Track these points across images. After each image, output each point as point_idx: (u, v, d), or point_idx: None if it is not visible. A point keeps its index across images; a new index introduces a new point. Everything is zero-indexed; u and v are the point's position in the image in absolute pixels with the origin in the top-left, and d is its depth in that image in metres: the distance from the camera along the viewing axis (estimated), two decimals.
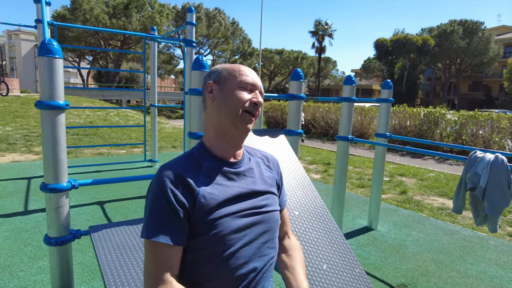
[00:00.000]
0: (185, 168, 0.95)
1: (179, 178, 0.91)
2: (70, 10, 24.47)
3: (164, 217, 0.87)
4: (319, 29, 39.47)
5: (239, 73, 1.00)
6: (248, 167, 1.05)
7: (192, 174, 0.94)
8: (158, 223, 0.87)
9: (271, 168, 1.13)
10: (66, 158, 1.88)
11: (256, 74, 1.04)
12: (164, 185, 0.89)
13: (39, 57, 1.73)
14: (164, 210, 0.88)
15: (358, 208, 4.45)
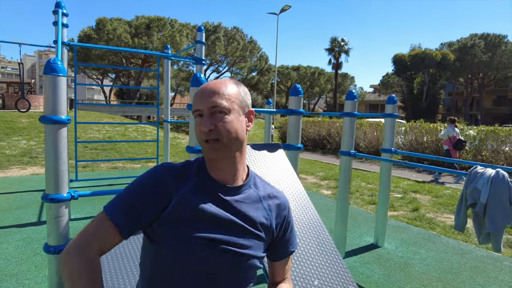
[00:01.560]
0: (177, 174, 0.94)
1: (164, 182, 0.91)
2: (95, 30, 25.69)
3: (130, 205, 0.90)
4: (335, 46, 39.65)
5: (194, 100, 0.94)
6: (244, 198, 0.98)
7: (179, 182, 0.93)
8: (122, 205, 0.90)
9: (271, 210, 1.02)
10: (67, 170, 1.98)
11: (215, 86, 0.92)
12: (148, 180, 0.92)
13: (45, 75, 1.85)
14: (134, 199, 0.90)
15: (366, 225, 4.36)
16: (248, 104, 0.99)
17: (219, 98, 0.90)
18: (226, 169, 0.96)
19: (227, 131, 0.90)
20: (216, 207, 0.92)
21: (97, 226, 0.89)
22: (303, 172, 8.56)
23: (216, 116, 0.90)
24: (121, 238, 0.90)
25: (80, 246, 0.87)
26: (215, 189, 0.95)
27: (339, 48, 39.55)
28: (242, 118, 0.96)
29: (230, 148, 0.93)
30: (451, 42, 40.70)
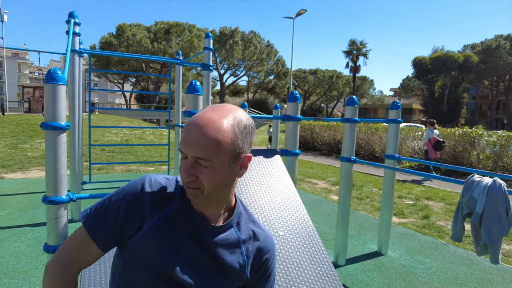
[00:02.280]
0: (157, 195, 0.87)
1: (140, 202, 0.85)
2: (115, 36, 26.45)
3: (108, 220, 0.85)
4: (353, 48, 39.24)
5: (183, 132, 0.81)
6: (222, 239, 0.90)
7: (156, 205, 0.87)
8: (99, 214, 0.86)
9: (248, 255, 0.93)
10: (66, 173, 2.08)
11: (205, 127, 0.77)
12: (126, 196, 0.86)
13: (46, 84, 1.96)
14: (111, 214, 0.85)
15: (372, 232, 4.30)
16: (244, 149, 0.83)
17: (206, 147, 0.77)
18: (208, 210, 0.89)
19: (209, 184, 0.80)
20: (189, 245, 0.86)
21: (78, 243, 0.86)
22: (315, 177, 8.51)
23: (199, 166, 0.79)
24: (102, 252, 0.88)
25: (61, 265, 0.85)
26: (194, 223, 0.88)
27: (358, 50, 39.12)
28: (233, 166, 0.83)
29: (211, 199, 0.84)
30: (475, 44, 39.51)
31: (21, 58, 66.24)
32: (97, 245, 0.85)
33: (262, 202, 2.23)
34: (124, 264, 0.89)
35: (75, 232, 0.88)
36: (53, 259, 0.87)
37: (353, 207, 5.61)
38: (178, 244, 0.86)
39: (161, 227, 0.85)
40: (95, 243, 0.85)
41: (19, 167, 7.78)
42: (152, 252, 0.85)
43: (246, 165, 0.86)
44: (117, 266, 0.92)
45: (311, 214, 4.93)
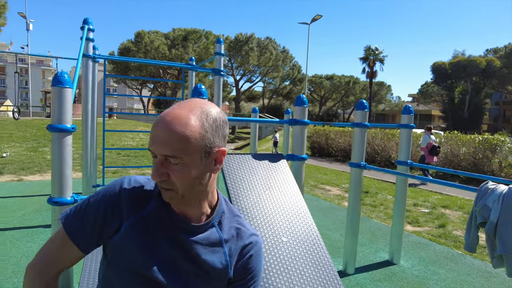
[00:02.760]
0: (136, 195, 0.86)
1: (119, 202, 0.85)
2: (134, 42, 27.08)
3: (85, 214, 0.84)
4: (369, 54, 38.81)
5: (151, 130, 0.79)
6: (202, 239, 0.87)
7: (134, 205, 0.85)
8: (78, 214, 0.85)
9: (231, 255, 0.90)
10: (71, 175, 2.10)
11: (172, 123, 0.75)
12: (105, 197, 0.85)
13: (52, 87, 2.00)
14: (91, 209, 0.84)
15: (384, 241, 4.18)
16: (216, 143, 0.81)
17: (174, 144, 0.74)
18: (187, 209, 0.86)
19: (182, 182, 0.78)
20: (167, 245, 0.84)
21: (59, 244, 0.85)
22: (328, 183, 8.39)
23: (170, 165, 0.77)
24: (82, 254, 0.86)
25: (41, 267, 0.84)
26: (172, 223, 0.86)
27: (374, 56, 38.65)
28: (206, 162, 0.80)
29: (187, 198, 0.82)
30: (498, 48, 38.36)
31: (45, 65, 68.64)
32: (77, 246, 0.84)
33: (265, 207, 2.19)
34: (106, 265, 0.88)
35: (55, 233, 0.87)
36: (33, 261, 0.85)
37: (366, 214, 5.49)
38: (156, 245, 0.84)
39: (139, 228, 0.84)
40: (74, 245, 0.84)
41: (38, 170, 8.00)
42: (129, 253, 0.84)
43: (220, 160, 0.83)
44: (101, 269, 0.92)
45: (323, 221, 4.87)
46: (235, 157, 2.45)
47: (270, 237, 2.04)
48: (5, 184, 6.62)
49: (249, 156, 2.53)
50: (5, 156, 9.30)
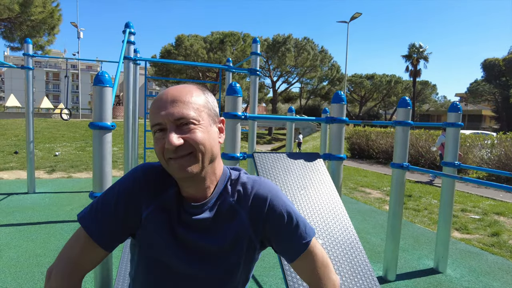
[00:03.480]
0: (154, 182, 0.84)
1: (137, 194, 0.83)
2: (174, 46, 28.00)
3: (103, 212, 0.82)
4: (413, 52, 36.99)
5: (151, 112, 0.78)
6: (213, 213, 0.85)
7: (152, 194, 0.84)
8: (96, 212, 0.82)
9: (248, 213, 0.86)
10: (111, 171, 2.17)
11: (178, 93, 0.78)
12: (122, 191, 0.83)
13: (94, 86, 2.08)
14: (108, 206, 0.82)
15: (428, 247, 3.92)
16: (217, 113, 0.86)
17: (185, 108, 0.76)
18: (197, 186, 0.83)
19: (200, 143, 0.76)
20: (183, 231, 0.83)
21: (79, 245, 0.82)
22: (369, 186, 8.09)
23: (183, 129, 0.76)
24: (106, 253, 0.84)
25: (65, 272, 0.81)
26: (181, 208, 0.84)
27: (418, 54, 36.80)
28: (214, 129, 0.83)
29: (203, 162, 0.78)
30: None
31: (93, 70, 73.16)
32: (99, 245, 0.81)
33: (301, 207, 2.13)
34: (136, 261, 0.89)
35: (75, 234, 0.83)
36: (55, 266, 0.81)
37: (408, 219, 5.20)
38: (172, 232, 0.83)
39: (154, 218, 0.83)
40: (96, 244, 0.81)
41: (85, 168, 8.50)
42: (152, 243, 0.83)
43: (222, 129, 0.87)
44: (131, 266, 0.93)
45: (362, 224, 4.68)
46: (269, 156, 2.40)
47: None
48: (56, 180, 7.10)
49: (284, 155, 2.47)
50: (57, 155, 9.99)
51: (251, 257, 0.90)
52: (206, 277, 0.86)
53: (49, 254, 3.28)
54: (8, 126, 15.08)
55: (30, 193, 5.78)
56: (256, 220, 0.86)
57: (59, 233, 3.88)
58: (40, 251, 3.36)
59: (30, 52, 5.56)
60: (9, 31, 14.93)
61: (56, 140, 12.60)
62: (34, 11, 13.93)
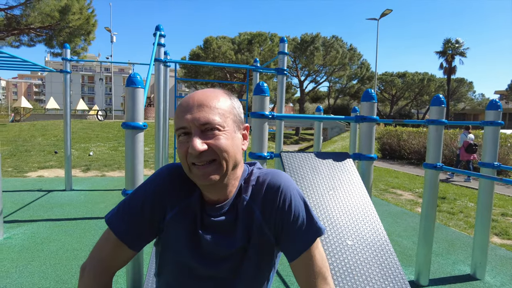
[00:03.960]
0: (178, 184, 0.86)
1: (161, 195, 0.85)
2: (203, 48, 28.48)
3: (130, 215, 0.84)
4: (448, 48, 35.39)
5: (177, 115, 0.79)
6: (228, 218, 0.85)
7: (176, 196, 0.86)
8: (124, 215, 0.84)
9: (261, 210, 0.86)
10: (142, 169, 2.24)
11: (204, 97, 0.78)
12: (148, 192, 0.85)
13: (126, 87, 2.15)
14: (135, 209, 0.84)
15: (465, 252, 3.74)
16: (242, 119, 0.85)
17: (211, 113, 0.76)
18: (218, 192, 0.84)
19: (224, 150, 0.76)
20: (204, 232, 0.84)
21: (109, 245, 0.85)
22: (400, 187, 7.84)
23: (208, 134, 0.76)
24: (134, 253, 0.86)
25: (97, 272, 0.84)
26: (203, 212, 0.86)
27: (453, 50, 35.17)
28: (238, 135, 0.82)
29: (226, 169, 0.78)
30: None
31: (125, 73, 75.84)
32: (127, 245, 0.84)
33: (329, 208, 2.10)
34: (158, 261, 0.92)
35: (104, 235, 0.86)
36: (86, 264, 0.85)
37: (442, 222, 4.99)
38: (194, 232, 0.84)
39: (179, 220, 0.84)
40: (124, 244, 0.84)
41: (117, 167, 8.83)
42: (172, 244, 0.86)
43: (246, 136, 0.86)
44: (156, 266, 0.94)
45: (393, 227, 4.55)
46: (296, 155, 2.39)
47: (334, 239, 1.95)
48: (91, 178, 7.43)
49: (312, 155, 2.45)
50: (91, 155, 10.44)
51: (270, 255, 0.89)
52: (226, 277, 0.86)
53: (85, 249, 3.43)
54: (48, 127, 15.96)
55: (68, 191, 6.08)
56: (269, 213, 0.85)
57: (93, 229, 4.05)
58: (77, 245, 3.52)
59: (68, 57, 5.85)
60: (50, 38, 15.79)
61: (90, 140, 13.18)
62: (72, 18, 14.64)
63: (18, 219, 4.35)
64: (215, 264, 0.85)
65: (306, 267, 0.85)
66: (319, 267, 0.86)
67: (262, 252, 0.87)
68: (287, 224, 0.85)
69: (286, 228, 0.85)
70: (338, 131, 29.36)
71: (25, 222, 4.21)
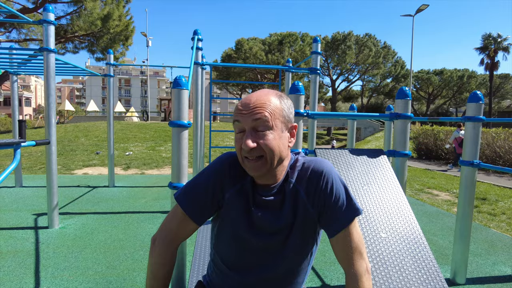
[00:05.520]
0: (234, 171, 1.01)
1: (221, 178, 1.01)
2: (235, 50, 28.90)
3: (195, 194, 1.01)
4: (489, 43, 33.46)
5: (236, 111, 0.94)
6: (277, 198, 1.00)
7: (232, 180, 1.01)
8: (190, 193, 1.01)
9: (306, 191, 0.99)
10: (187, 164, 2.43)
11: (258, 100, 0.91)
12: (210, 174, 1.02)
13: (172, 89, 2.35)
14: (199, 189, 1.01)
15: (506, 253, 3.63)
16: (291, 119, 0.98)
17: (262, 115, 0.90)
18: (267, 179, 1.00)
19: (270, 149, 0.90)
20: (256, 211, 0.99)
21: (177, 219, 1.02)
22: (436, 187, 7.62)
23: (258, 134, 0.90)
24: (197, 226, 1.04)
25: (166, 241, 1.02)
26: (255, 192, 1.01)
27: (495, 45, 33.22)
28: (285, 134, 0.96)
29: (272, 165, 0.93)
30: None
31: (160, 76, 78.39)
32: (192, 220, 1.01)
33: (363, 202, 2.17)
34: (216, 234, 1.07)
35: (173, 210, 1.04)
36: (157, 235, 1.04)
37: (482, 223, 4.84)
38: (248, 210, 0.99)
39: (236, 197, 1.00)
40: (190, 219, 1.01)
41: (155, 165, 9.25)
42: (231, 219, 1.01)
43: (294, 134, 0.99)
44: (212, 237, 1.11)
45: (428, 226, 4.51)
46: (331, 152, 2.48)
47: (368, 232, 2.02)
48: (131, 176, 7.85)
49: (346, 151, 2.53)
50: (128, 154, 10.98)
51: (313, 231, 1.03)
52: (275, 249, 1.00)
53: (129, 239, 3.70)
54: (90, 128, 16.92)
55: (111, 187, 6.49)
56: (313, 194, 0.98)
57: (136, 222, 4.33)
58: (122, 236, 3.80)
59: (112, 62, 6.26)
60: (91, 44, 16.78)
61: (129, 141, 13.85)
62: (112, 25, 15.47)
63: (69, 211, 4.74)
64: (265, 237, 0.99)
65: (345, 243, 0.98)
66: (356, 243, 0.98)
67: (306, 228, 1.00)
68: (329, 204, 0.98)
69: (328, 208, 0.98)
70: (372, 131, 28.67)
71: (75, 214, 4.59)
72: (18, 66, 5.29)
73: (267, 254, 1.01)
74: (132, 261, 3.13)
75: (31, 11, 14.49)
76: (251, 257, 1.02)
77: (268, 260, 1.01)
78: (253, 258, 1.02)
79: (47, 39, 3.75)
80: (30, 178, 7.23)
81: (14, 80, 5.95)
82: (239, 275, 1.02)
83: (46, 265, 2.99)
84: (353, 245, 0.97)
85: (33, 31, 15.85)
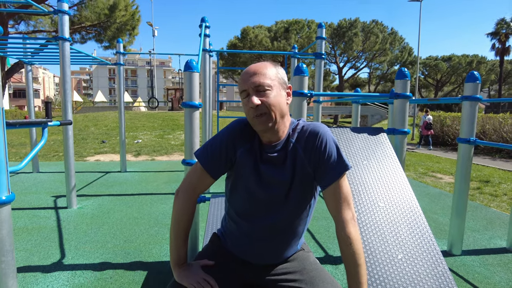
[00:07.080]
0: (245, 133, 1.18)
1: (233, 139, 1.18)
2: (240, 39, 28.81)
3: (212, 152, 1.18)
4: (501, 27, 32.79)
5: (239, 81, 1.13)
6: (279, 155, 1.16)
7: (242, 141, 1.18)
8: (207, 152, 1.19)
9: (304, 149, 1.15)
10: (198, 142, 2.61)
11: (256, 68, 1.11)
12: (225, 135, 1.19)
13: (184, 72, 2.51)
14: (215, 148, 1.18)
15: (503, 229, 3.78)
16: (286, 81, 1.17)
17: (262, 78, 1.09)
18: (272, 134, 1.16)
19: (272, 104, 1.09)
20: (263, 166, 1.16)
21: (197, 174, 1.20)
22: (441, 171, 7.73)
23: (261, 93, 1.09)
24: (214, 180, 1.21)
25: (186, 191, 1.20)
26: (262, 150, 1.18)
27: (507, 29, 32.55)
28: (283, 93, 1.15)
29: (275, 118, 1.11)
30: None
31: (166, 66, 78.44)
32: (211, 175, 1.20)
33: (363, 175, 2.33)
34: (230, 189, 1.25)
35: (194, 166, 1.25)
36: (181, 188, 1.23)
37: (483, 202, 4.98)
38: (256, 166, 1.17)
39: (243, 157, 1.18)
40: (209, 174, 1.20)
41: (165, 152, 9.49)
42: (242, 175, 1.19)
43: (290, 94, 1.19)
44: (227, 192, 1.29)
45: (429, 205, 4.68)
46: (332, 130, 2.63)
47: (367, 201, 2.18)
48: (143, 162, 8.10)
49: (348, 129, 2.68)
50: (137, 142, 11.24)
51: (310, 185, 1.21)
52: (279, 201, 1.19)
53: (144, 217, 3.92)
54: (99, 118, 17.22)
55: (123, 172, 6.73)
56: (309, 151, 1.15)
57: (149, 202, 4.56)
58: (137, 214, 4.03)
59: (122, 50, 6.42)
60: (98, 34, 16.94)
61: (137, 129, 14.11)
62: (119, 14, 15.58)
63: (85, 193, 4.99)
64: (270, 189, 1.17)
65: (335, 194, 1.14)
66: (344, 195, 1.15)
67: (304, 182, 1.19)
68: (322, 160, 1.15)
69: (322, 163, 1.15)
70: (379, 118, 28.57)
71: (91, 196, 4.83)
72: (32, 55, 5.48)
73: (272, 204, 1.19)
74: (147, 236, 3.35)
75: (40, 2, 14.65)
76: (259, 207, 1.20)
77: (273, 210, 1.19)
78: (261, 208, 1.20)
79: (62, 28, 3.93)
80: (46, 164, 7.52)
81: (29, 70, 6.15)
82: (249, 223, 1.21)
83: (69, 239, 3.23)
84: (342, 196, 1.14)
85: (40, 22, 16.06)
